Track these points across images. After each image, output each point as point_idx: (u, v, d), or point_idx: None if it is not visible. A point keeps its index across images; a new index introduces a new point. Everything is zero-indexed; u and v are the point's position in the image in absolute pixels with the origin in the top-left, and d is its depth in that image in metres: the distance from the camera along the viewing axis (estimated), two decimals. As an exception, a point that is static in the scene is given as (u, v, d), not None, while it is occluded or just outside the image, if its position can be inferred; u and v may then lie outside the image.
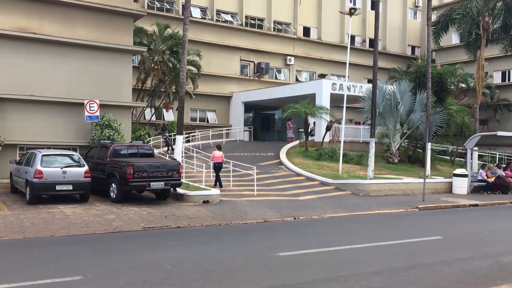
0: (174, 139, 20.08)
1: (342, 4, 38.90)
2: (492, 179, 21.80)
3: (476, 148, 23.80)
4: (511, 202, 19.48)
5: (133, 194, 16.22)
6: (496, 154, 30.37)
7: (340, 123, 25.31)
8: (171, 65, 27.41)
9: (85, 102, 19.18)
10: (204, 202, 15.40)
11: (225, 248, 9.89)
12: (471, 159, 22.94)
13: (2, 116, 19.02)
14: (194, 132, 29.66)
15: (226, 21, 35.02)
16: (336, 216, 14.66)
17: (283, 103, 28.33)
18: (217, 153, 18.55)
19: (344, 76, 28.38)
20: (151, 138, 26.27)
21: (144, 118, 30.00)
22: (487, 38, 29.27)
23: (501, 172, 22.32)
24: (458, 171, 21.49)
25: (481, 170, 22.31)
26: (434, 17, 34.39)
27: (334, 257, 9.16)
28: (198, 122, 33.42)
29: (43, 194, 14.51)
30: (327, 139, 27.26)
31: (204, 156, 21.80)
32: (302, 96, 27.60)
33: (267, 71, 35.84)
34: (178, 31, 26.00)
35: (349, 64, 24.73)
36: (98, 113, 19.29)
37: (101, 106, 19.52)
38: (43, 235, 10.62)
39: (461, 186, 20.98)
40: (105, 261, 8.48)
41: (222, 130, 31.88)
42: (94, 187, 15.46)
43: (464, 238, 11.59)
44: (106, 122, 19.81)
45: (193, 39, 29.99)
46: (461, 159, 28.74)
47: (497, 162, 27.60)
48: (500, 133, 23.11)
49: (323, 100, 27.37)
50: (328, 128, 26.91)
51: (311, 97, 27.65)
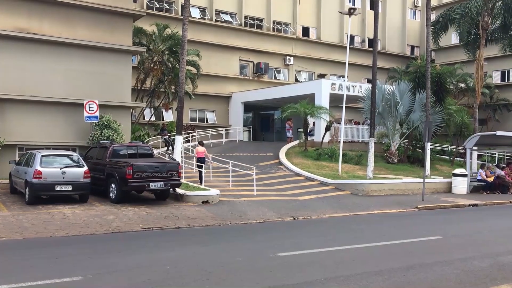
0: (174, 139, 20.06)
1: (342, 4, 38.91)
2: (491, 179, 21.81)
3: (476, 148, 23.81)
4: (511, 202, 19.50)
5: (133, 195, 16.22)
6: (496, 154, 30.39)
7: (340, 123, 25.31)
8: (171, 65, 27.40)
9: (85, 103, 19.17)
10: (204, 203, 15.39)
11: (225, 249, 9.88)
12: (471, 159, 22.95)
13: (2, 117, 19.00)
14: (194, 132, 29.65)
15: (226, 21, 35.02)
16: (336, 216, 14.67)
17: (283, 103, 28.34)
18: (200, 149, 19.04)
19: (344, 76, 28.39)
20: (151, 139, 26.27)
21: (144, 118, 29.99)
22: (486, 38, 29.29)
23: (501, 172, 22.34)
24: (458, 171, 21.51)
25: (481, 170, 22.32)
26: (433, 17, 34.41)
27: (334, 257, 9.16)
28: (198, 122, 33.41)
29: (43, 195, 14.50)
30: (327, 139, 27.26)
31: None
32: (302, 96, 27.61)
33: (267, 71, 35.85)
34: (178, 31, 26.00)
35: (349, 64, 24.74)
36: (98, 113, 19.28)
37: (101, 107, 19.52)
38: (43, 236, 10.61)
39: (461, 186, 20.99)
40: (105, 262, 8.47)
41: (222, 130, 31.89)
42: (94, 188, 15.44)
43: (464, 238, 11.59)
44: (106, 123, 19.79)
45: (193, 39, 29.99)
46: (461, 159, 28.76)
47: (497, 162, 27.62)
48: (500, 133, 23.13)
49: (323, 100, 27.38)
50: (328, 128, 26.91)
51: (311, 97, 27.66)
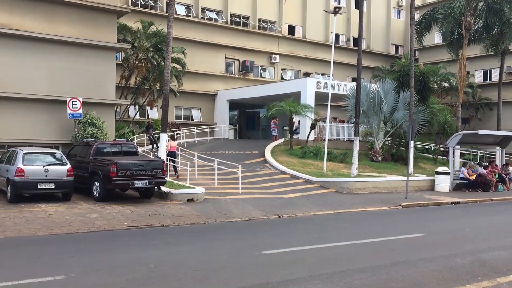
0: (159, 137, 19.97)
1: (327, 3, 39.05)
2: (474, 177, 22.13)
3: (458, 147, 24.13)
4: (492, 200, 19.81)
5: (117, 193, 16.09)
6: (478, 153, 30.83)
7: (325, 122, 25.43)
8: (156, 63, 27.23)
9: (68, 100, 18.95)
10: (189, 201, 15.34)
11: (210, 247, 9.87)
12: (453, 157, 23.25)
13: (-18, 114, 18.69)
14: (179, 130, 29.52)
15: (211, 19, 34.90)
16: (321, 214, 14.75)
17: (268, 101, 28.38)
18: (172, 143, 19.88)
19: (329, 75, 28.53)
20: (135, 136, 26.08)
21: (128, 116, 29.77)
22: (469, 38, 29.67)
23: (482, 170, 22.67)
24: (441, 169, 21.78)
25: (463, 168, 22.64)
26: (417, 17, 34.72)
27: (319, 255, 9.21)
28: (183, 120, 33.27)
29: (25, 193, 14.32)
30: (312, 138, 27.38)
31: (189, 154, 21.74)
32: (287, 95, 27.67)
33: (252, 69, 35.84)
34: (163, 29, 25.83)
35: (334, 63, 24.87)
36: (81, 111, 19.08)
37: (84, 104, 19.31)
38: (25, 235, 10.47)
39: (443, 184, 21.26)
40: (88, 261, 8.39)
41: (207, 128, 31.81)
42: (77, 186, 15.28)
43: (446, 235, 11.75)
44: (89, 120, 19.60)
45: (178, 37, 29.84)
46: (444, 157, 29.12)
47: (479, 160, 28.02)
48: (482, 132, 23.46)
49: (308, 99, 27.48)
50: (313, 127, 27.03)
51: (296, 96, 27.74)
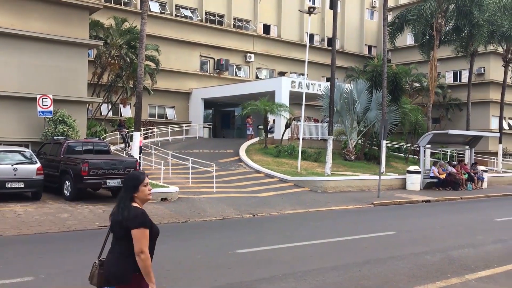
0: (132, 136, 19.73)
1: (302, 3, 39.25)
2: (444, 176, 22.63)
3: (429, 146, 24.65)
4: (461, 198, 20.30)
5: (88, 192, 15.81)
6: (448, 152, 31.57)
7: (299, 121, 25.58)
8: (129, 60, 26.88)
9: (38, 97, 18.51)
10: (162, 200, 15.21)
11: (183, 246, 9.81)
12: (424, 157, 23.73)
13: None
14: (153, 129, 29.23)
15: (186, 17, 34.65)
16: (295, 213, 14.83)
17: (243, 100, 28.37)
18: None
19: (303, 74, 28.70)
20: (108, 135, 25.69)
21: (101, 114, 29.30)
22: (440, 39, 30.25)
23: (452, 169, 23.21)
24: (412, 168, 22.19)
25: (433, 167, 23.12)
26: (390, 18, 35.26)
27: (292, 253, 9.26)
28: (157, 119, 32.94)
29: (-8, 192, 13.93)
30: (287, 137, 27.50)
31: (163, 153, 21.54)
32: (262, 93, 27.72)
33: (227, 68, 35.75)
34: (136, 26, 25.49)
35: (308, 63, 25.03)
36: (52, 108, 18.67)
37: (55, 101, 18.91)
38: (-8, 235, 10.20)
39: (414, 183, 21.67)
40: (58, 261, 8.23)
41: (182, 127, 31.59)
42: (47, 185, 14.98)
43: (417, 233, 11.97)
44: (60, 118, 19.20)
45: (152, 34, 29.53)
46: (415, 156, 29.67)
47: (449, 160, 28.67)
48: (452, 132, 24.00)
49: (283, 98, 27.58)
50: (288, 126, 27.15)
51: (271, 95, 27.81)
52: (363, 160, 27.25)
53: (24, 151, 14.97)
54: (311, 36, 39.83)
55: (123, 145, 25.16)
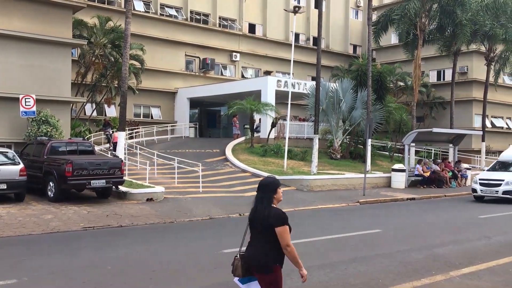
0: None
1: (287, 2, 39.30)
2: (428, 174, 22.85)
3: (413, 144, 24.87)
4: (445, 196, 20.53)
5: (73, 193, 15.63)
6: (432, 150, 31.90)
7: (285, 120, 25.62)
8: (113, 59, 26.63)
9: (21, 97, 18.23)
10: (148, 200, 15.10)
11: (169, 247, 9.75)
12: (409, 155, 23.94)
13: None
14: (138, 129, 29.01)
15: (171, 16, 34.47)
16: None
17: (229, 100, 28.31)
18: (117, 134, 20.18)
19: (289, 74, 28.75)
20: (92, 135, 25.44)
21: (85, 114, 29.00)
22: (424, 39, 30.55)
23: (436, 167, 23.45)
24: (397, 166, 22.37)
25: (418, 165, 23.35)
26: (375, 17, 35.47)
27: (279, 253, 9.25)
28: (142, 118, 32.70)
29: (-26, 194, 13.69)
30: (273, 136, 27.52)
31: (148, 153, 21.40)
32: (248, 93, 27.69)
33: (213, 67, 35.65)
34: (120, 25, 25.29)
35: (294, 62, 25.08)
36: (35, 108, 18.41)
37: (38, 101, 18.65)
38: (-26, 238, 10.03)
39: (399, 181, 21.84)
40: (42, 263, 8.12)
41: (167, 127, 31.40)
42: (31, 186, 14.76)
43: (402, 231, 12.07)
44: (43, 118, 18.95)
45: (136, 33, 29.30)
46: (399, 155, 29.93)
47: (433, 158, 28.98)
48: (435, 130, 24.26)
49: (269, 97, 27.60)
50: (274, 125, 27.17)
51: (257, 94, 27.80)
52: (349, 159, 27.40)
53: (7, 152, 14.73)
54: (297, 36, 39.93)
55: (108, 145, 24.95)
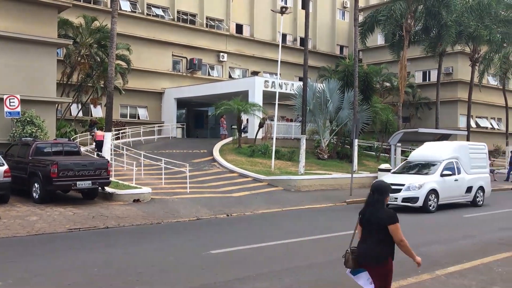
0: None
1: (274, 3, 39.36)
2: (414, 174, 23.02)
3: (399, 144, 25.09)
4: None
5: (58, 194, 15.45)
6: (418, 150, 32.07)
7: (273, 120, 25.64)
8: (99, 59, 26.40)
9: (5, 97, 17.98)
10: (135, 201, 14.99)
11: (156, 248, 9.70)
12: (395, 155, 24.16)
13: None
14: (124, 129, 28.80)
15: (157, 16, 34.30)
16: (269, 212, 14.86)
17: (216, 100, 28.24)
18: (99, 133, 21.56)
19: (276, 74, 28.79)
20: (78, 135, 25.20)
21: (70, 114, 28.71)
22: (410, 40, 30.83)
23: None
24: (383, 166, 22.50)
25: (404, 165, 23.52)
26: (361, 18, 35.69)
27: (267, 253, 9.27)
28: (129, 119, 32.48)
29: (-43, 196, 13.47)
30: (260, 136, 27.53)
31: (135, 154, 21.26)
32: (235, 93, 27.67)
33: (200, 68, 35.55)
34: (106, 24, 25.08)
35: (281, 62, 25.12)
36: (19, 109, 18.17)
37: (23, 102, 18.41)
38: (-43, 240, 9.87)
39: (386, 181, 21.95)
40: (27, 266, 8.02)
41: (154, 127, 31.23)
42: (15, 187, 14.57)
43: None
44: (28, 119, 18.72)
45: (123, 33, 29.10)
46: (386, 155, 30.14)
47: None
48: (421, 130, 24.55)
49: (256, 97, 27.61)
50: (261, 125, 27.18)
51: (244, 94, 27.79)
52: (336, 159, 27.51)
53: (-10, 153, 14.55)
54: (284, 36, 40.01)
55: (94, 146, 24.71)
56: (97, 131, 22.38)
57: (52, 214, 12.67)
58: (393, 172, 17.81)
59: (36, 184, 14.24)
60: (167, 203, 15.04)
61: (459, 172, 16.60)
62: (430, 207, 15.38)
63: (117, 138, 26.98)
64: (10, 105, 17.98)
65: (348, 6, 45.43)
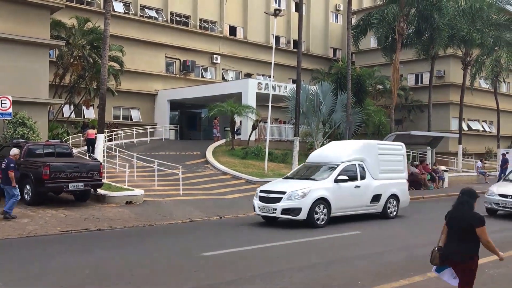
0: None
1: (268, 5, 39.41)
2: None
3: (392, 147, 25.09)
4: (423, 198, 20.82)
5: (50, 196, 15.36)
6: (410, 152, 32.27)
7: (266, 122, 25.65)
8: (92, 61, 26.30)
9: (-4, 98, 17.88)
10: (127, 203, 14.94)
11: (149, 250, 9.66)
12: (388, 157, 24.14)
13: None
14: (117, 131, 28.68)
15: (151, 17, 34.21)
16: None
17: (210, 102, 28.24)
18: (91, 131, 22.02)
19: (270, 76, 28.81)
20: (70, 137, 25.06)
21: (63, 116, 28.55)
22: (402, 43, 30.96)
23: (414, 169, 23.75)
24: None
25: (397, 167, 23.55)
26: (354, 21, 35.78)
27: (259, 255, 9.26)
28: (122, 120, 32.35)
29: None
30: (253, 138, 27.53)
31: (128, 155, 21.18)
32: (229, 95, 27.67)
33: (193, 69, 35.51)
34: (99, 26, 24.97)
35: (274, 64, 25.15)
36: (11, 110, 18.02)
37: (14, 103, 18.27)
38: None
39: (378, 183, 21.91)
40: (19, 268, 7.96)
41: (147, 129, 31.13)
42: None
43: (381, 233, 12.20)
44: (20, 120, 18.59)
45: (116, 34, 29.00)
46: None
47: (411, 160, 29.35)
48: (413, 132, 24.63)
49: (249, 99, 27.62)
50: (254, 127, 27.18)
51: (238, 96, 27.80)
52: (329, 161, 27.52)
53: (-18, 155, 14.43)
54: (277, 38, 40.06)
55: (86, 148, 24.58)
56: (89, 130, 22.69)
57: (44, 216, 12.60)
58: (285, 177, 14.42)
59: (28, 186, 14.15)
60: (160, 205, 14.99)
61: (363, 177, 13.61)
62: (318, 221, 12.23)
63: (110, 140, 26.87)
64: (2, 106, 17.83)
65: (341, 9, 45.57)
